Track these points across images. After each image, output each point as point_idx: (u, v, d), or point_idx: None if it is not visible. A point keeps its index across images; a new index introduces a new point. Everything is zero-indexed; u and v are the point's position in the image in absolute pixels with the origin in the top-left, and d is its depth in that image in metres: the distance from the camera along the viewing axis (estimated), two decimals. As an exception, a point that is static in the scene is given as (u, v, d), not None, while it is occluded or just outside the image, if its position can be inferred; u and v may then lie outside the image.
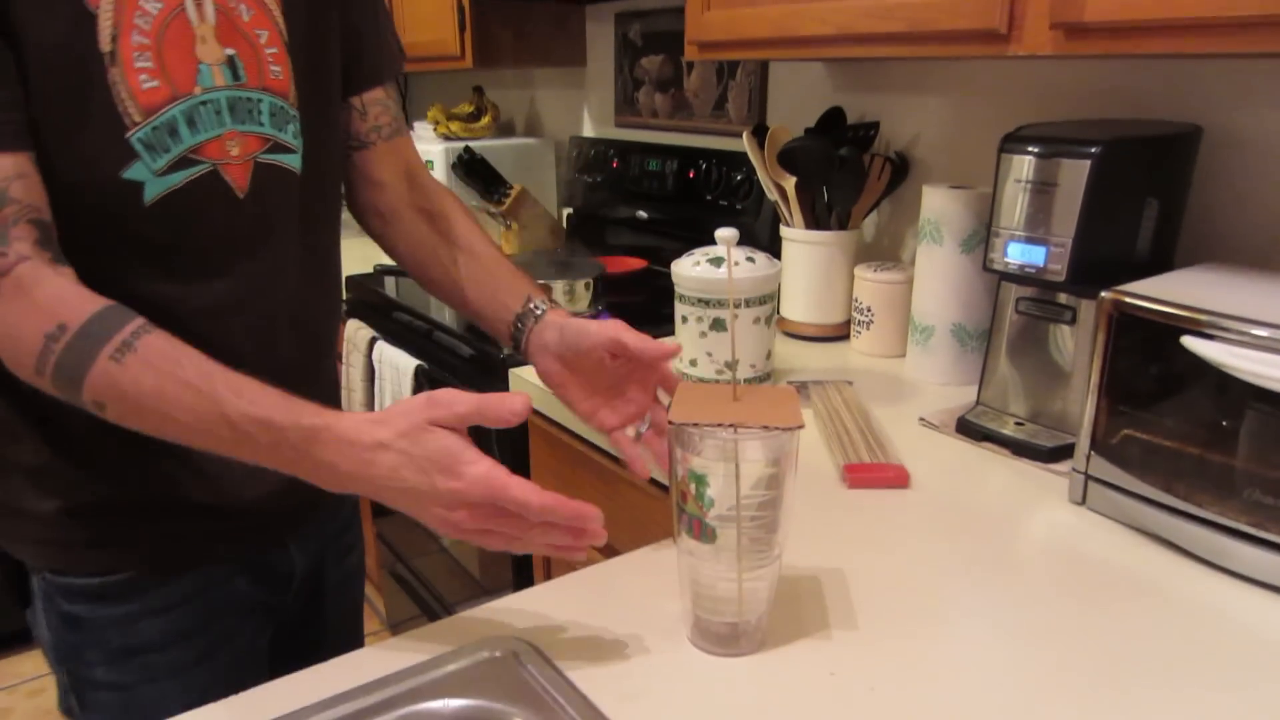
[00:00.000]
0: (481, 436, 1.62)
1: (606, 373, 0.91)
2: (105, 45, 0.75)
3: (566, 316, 0.93)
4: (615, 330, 0.87)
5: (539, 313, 0.94)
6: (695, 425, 0.68)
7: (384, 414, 0.71)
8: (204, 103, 0.80)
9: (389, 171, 1.04)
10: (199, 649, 0.96)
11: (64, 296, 0.73)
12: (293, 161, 0.89)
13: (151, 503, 0.91)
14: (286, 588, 1.04)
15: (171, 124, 0.79)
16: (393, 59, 1.04)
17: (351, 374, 2.00)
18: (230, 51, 0.82)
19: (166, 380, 0.72)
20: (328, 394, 1.08)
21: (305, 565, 1.05)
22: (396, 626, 2.47)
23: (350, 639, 1.21)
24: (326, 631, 1.14)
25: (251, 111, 0.84)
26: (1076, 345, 1.13)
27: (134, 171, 0.78)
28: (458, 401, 0.70)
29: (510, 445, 1.55)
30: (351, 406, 2.01)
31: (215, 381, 0.72)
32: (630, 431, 0.92)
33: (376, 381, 1.94)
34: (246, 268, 0.87)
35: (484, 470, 0.68)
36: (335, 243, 1.02)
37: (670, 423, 0.69)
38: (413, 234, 1.04)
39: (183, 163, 0.80)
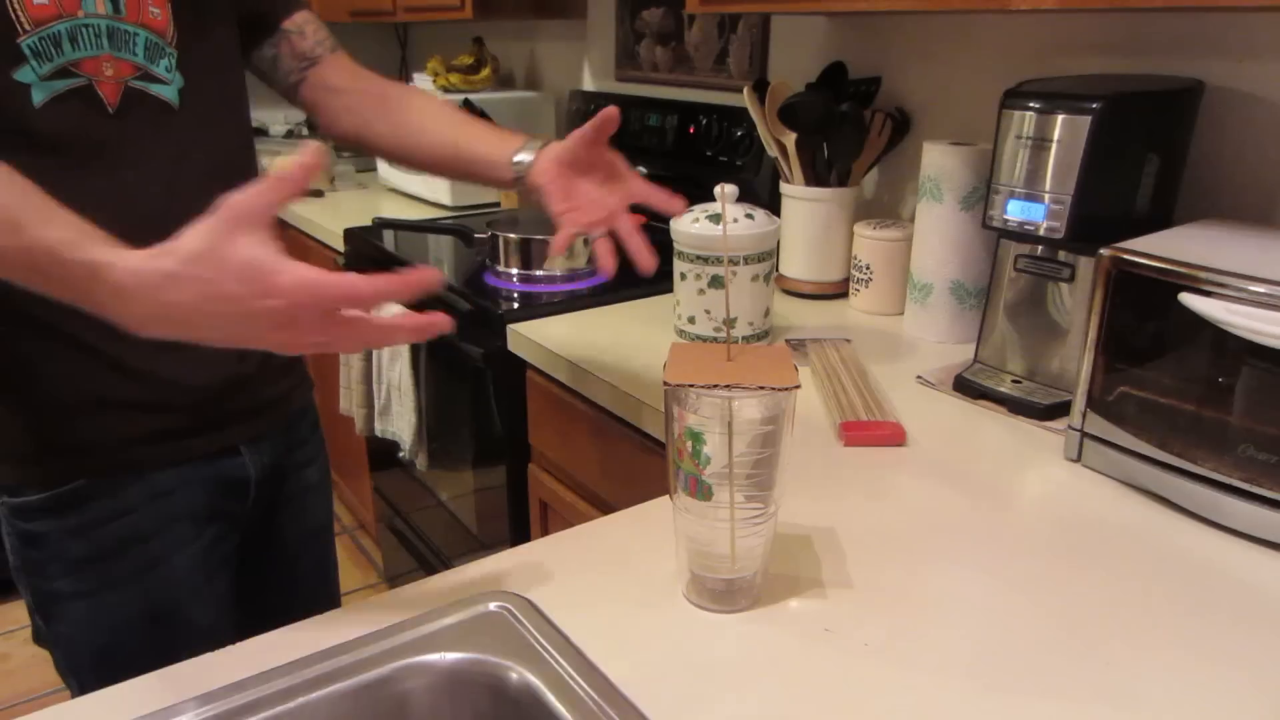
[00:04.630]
0: (480, 391, 1.63)
1: (592, 175, 1.03)
2: None
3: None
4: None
5: (542, 145, 1.04)
6: (691, 387, 0.68)
7: (174, 241, 0.67)
8: (86, 25, 0.86)
9: (347, 76, 1.13)
10: (155, 553, 0.99)
11: None
12: (166, 92, 0.93)
13: (86, 404, 0.94)
14: (244, 495, 1.07)
15: (56, 37, 0.85)
16: None
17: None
18: None
19: None
20: None
21: (259, 474, 1.08)
22: (394, 580, 2.49)
23: (315, 561, 1.24)
24: (286, 548, 1.18)
25: (127, 42, 0.89)
26: (1074, 303, 1.12)
27: (22, 74, 0.83)
28: (246, 194, 0.66)
29: (508, 401, 1.55)
30: (350, 369, 2.01)
31: (27, 208, 0.70)
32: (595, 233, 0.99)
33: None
34: (119, 178, 0.91)
35: (299, 275, 0.65)
36: (230, 175, 1.00)
37: (665, 384, 0.69)
38: (381, 110, 1.12)
39: (63, 73, 0.86)
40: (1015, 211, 1.11)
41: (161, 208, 0.92)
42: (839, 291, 1.60)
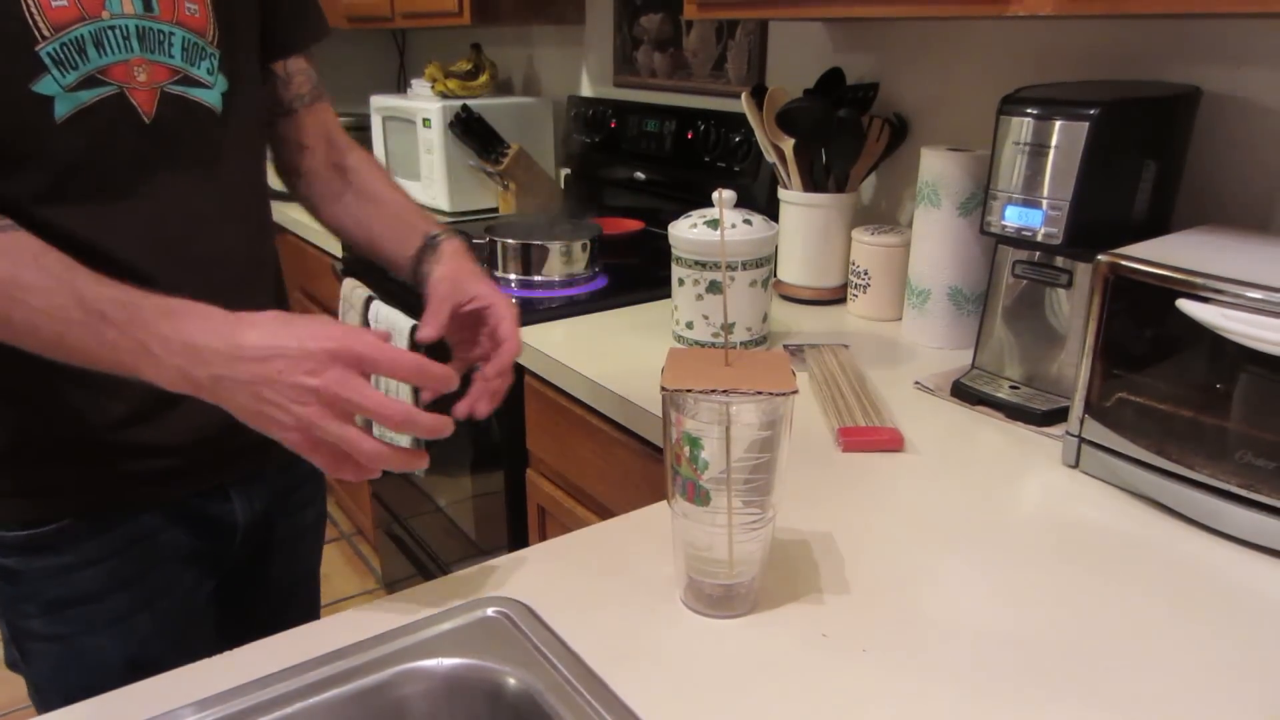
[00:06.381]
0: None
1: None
2: None
3: (463, 255, 0.98)
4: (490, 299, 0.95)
5: (436, 243, 0.99)
6: (689, 392, 0.68)
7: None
8: (111, 27, 0.81)
9: (312, 136, 1.09)
10: (136, 599, 0.95)
11: None
12: (208, 97, 0.89)
13: (71, 444, 0.90)
14: (230, 539, 1.03)
15: (79, 42, 0.79)
16: (314, 26, 1.07)
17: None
18: None
19: (23, 266, 0.72)
20: None
21: (250, 517, 1.03)
22: (392, 586, 2.48)
23: (302, 604, 1.19)
24: (272, 591, 1.13)
25: (162, 43, 0.85)
26: (1072, 309, 1.12)
27: (43, 85, 0.78)
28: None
29: (506, 407, 1.55)
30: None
31: (76, 273, 0.73)
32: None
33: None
34: (151, 194, 0.87)
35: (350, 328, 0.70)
36: (257, 187, 1.02)
37: (663, 389, 0.69)
38: (327, 187, 1.10)
39: (91, 82, 0.81)
40: (1013, 217, 1.11)
41: (189, 227, 0.91)
42: (837, 297, 1.60)
